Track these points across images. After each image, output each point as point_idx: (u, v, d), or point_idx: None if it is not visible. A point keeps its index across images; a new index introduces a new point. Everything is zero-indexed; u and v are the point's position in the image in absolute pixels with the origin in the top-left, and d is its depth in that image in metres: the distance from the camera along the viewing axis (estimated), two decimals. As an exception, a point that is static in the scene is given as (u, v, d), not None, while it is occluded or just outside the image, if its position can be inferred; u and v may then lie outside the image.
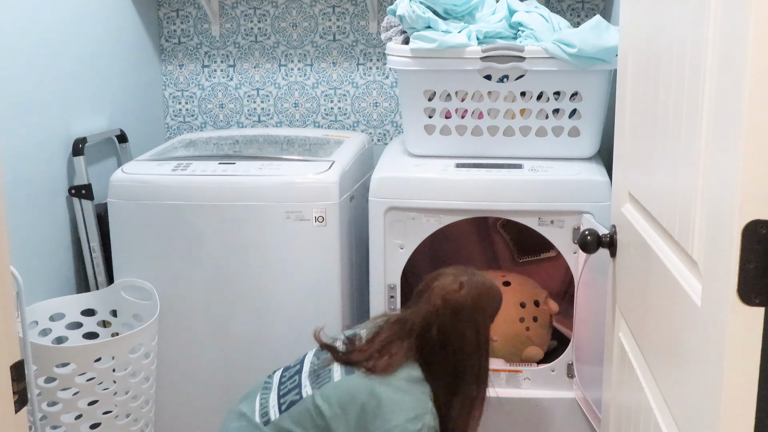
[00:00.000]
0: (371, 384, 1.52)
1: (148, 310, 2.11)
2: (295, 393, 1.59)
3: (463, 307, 1.56)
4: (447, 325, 1.56)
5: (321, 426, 1.53)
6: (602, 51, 1.94)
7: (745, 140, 0.73)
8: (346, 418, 1.51)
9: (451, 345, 1.57)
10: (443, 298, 1.57)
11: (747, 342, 0.77)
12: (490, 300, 1.62)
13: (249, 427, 1.59)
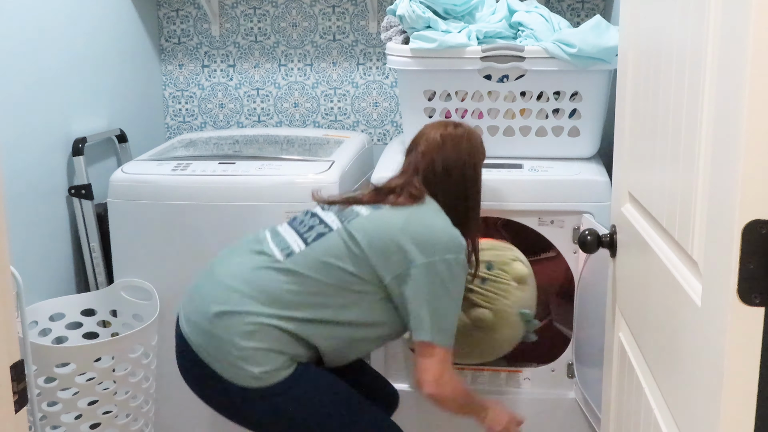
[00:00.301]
0: (402, 215, 1.59)
1: (148, 310, 2.11)
2: (322, 227, 1.62)
3: (461, 139, 1.70)
4: (449, 157, 1.68)
5: (358, 256, 1.56)
6: (602, 51, 1.94)
7: (745, 140, 0.73)
8: (384, 249, 1.55)
9: (456, 173, 1.68)
10: (441, 136, 1.70)
11: (747, 342, 0.77)
12: (478, 137, 1.76)
13: (270, 260, 1.59)
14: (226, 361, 1.53)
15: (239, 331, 1.52)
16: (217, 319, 1.54)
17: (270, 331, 1.53)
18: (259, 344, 1.52)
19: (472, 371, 2.12)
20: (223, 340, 1.53)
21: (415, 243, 1.55)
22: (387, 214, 1.61)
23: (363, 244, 1.56)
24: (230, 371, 1.53)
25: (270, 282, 1.56)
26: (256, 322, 1.52)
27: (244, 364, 1.51)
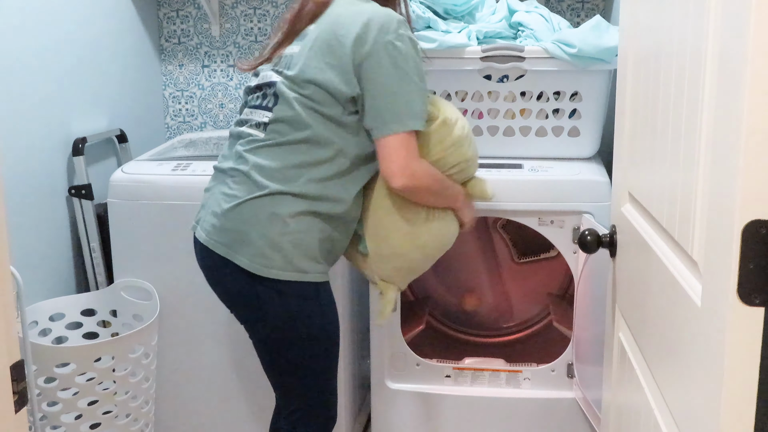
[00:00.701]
0: (323, 27, 1.53)
1: (148, 310, 2.11)
2: (270, 89, 1.59)
3: None
4: None
5: (312, 89, 1.51)
6: (602, 51, 1.94)
7: (745, 140, 0.73)
8: (325, 67, 1.50)
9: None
10: None
11: (747, 342, 0.77)
12: None
13: (248, 142, 1.59)
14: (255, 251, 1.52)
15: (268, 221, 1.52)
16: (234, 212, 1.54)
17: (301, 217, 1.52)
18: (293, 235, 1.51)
19: (472, 371, 2.13)
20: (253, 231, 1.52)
21: (350, 41, 1.49)
22: (311, 37, 1.54)
23: (309, 76, 1.51)
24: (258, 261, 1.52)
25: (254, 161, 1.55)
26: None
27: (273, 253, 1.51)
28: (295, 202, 1.52)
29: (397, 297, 1.82)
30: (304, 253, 1.53)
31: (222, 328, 2.13)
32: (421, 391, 2.13)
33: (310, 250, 1.53)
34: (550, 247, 2.28)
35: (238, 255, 1.52)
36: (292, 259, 1.51)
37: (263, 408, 2.13)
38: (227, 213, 1.55)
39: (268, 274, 1.51)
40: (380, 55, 1.48)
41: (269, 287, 1.52)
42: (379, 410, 2.17)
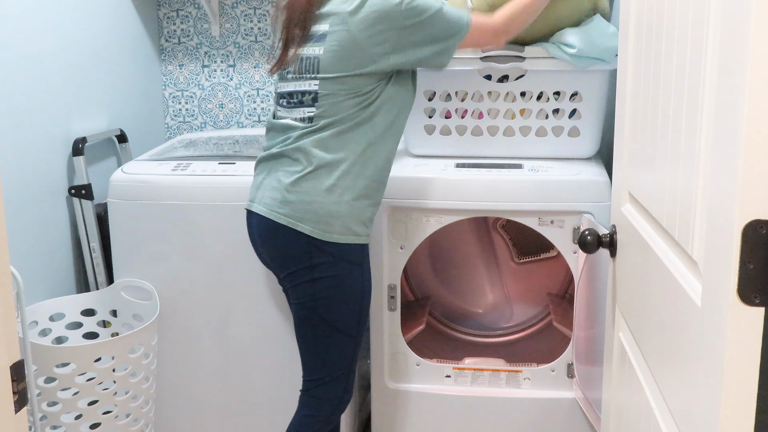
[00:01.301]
0: (345, 17, 1.64)
1: (148, 310, 2.11)
2: (306, 87, 1.71)
3: None
4: None
5: (345, 78, 1.65)
6: (602, 51, 1.94)
7: (745, 140, 0.73)
8: (355, 55, 1.64)
9: None
10: None
11: (747, 342, 0.77)
12: None
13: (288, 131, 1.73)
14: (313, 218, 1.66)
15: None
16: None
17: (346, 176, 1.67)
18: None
19: (472, 371, 2.13)
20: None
21: (376, 20, 1.62)
22: (334, 38, 1.66)
23: (339, 70, 1.64)
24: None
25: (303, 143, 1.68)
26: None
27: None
28: (349, 168, 1.68)
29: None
30: (357, 218, 1.69)
31: (222, 328, 2.13)
32: (421, 391, 2.13)
33: (361, 215, 1.70)
34: (550, 247, 2.28)
35: (300, 223, 1.66)
36: (349, 225, 1.67)
37: (263, 408, 2.14)
38: (289, 187, 1.67)
39: (329, 238, 1.66)
40: (399, 28, 1.64)
41: (327, 251, 1.67)
42: (379, 410, 2.17)
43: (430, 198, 2.01)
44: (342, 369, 1.76)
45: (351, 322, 1.73)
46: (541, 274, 2.44)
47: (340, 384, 1.77)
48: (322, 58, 1.66)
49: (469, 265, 2.48)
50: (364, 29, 1.62)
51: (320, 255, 1.67)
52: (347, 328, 1.73)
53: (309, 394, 1.78)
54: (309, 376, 1.79)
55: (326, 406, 1.78)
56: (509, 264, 2.48)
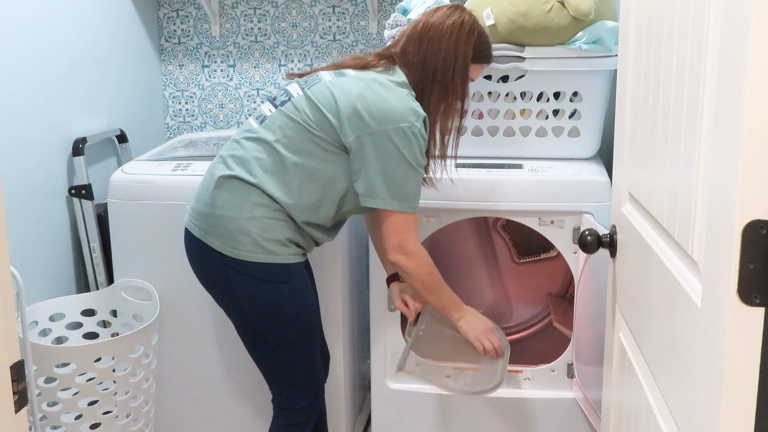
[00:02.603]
0: (361, 82, 1.62)
1: (148, 310, 2.11)
2: (286, 96, 1.69)
3: (445, 23, 1.65)
4: (432, 27, 1.65)
5: (318, 116, 1.61)
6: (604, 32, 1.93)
7: (745, 140, 0.73)
8: (340, 112, 1.59)
9: (428, 49, 1.64)
10: (425, 14, 1.69)
11: (747, 342, 0.77)
12: (471, 33, 1.67)
13: (248, 132, 1.68)
14: (225, 235, 1.62)
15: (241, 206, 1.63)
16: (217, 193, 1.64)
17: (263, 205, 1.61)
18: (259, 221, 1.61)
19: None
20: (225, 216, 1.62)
21: (369, 111, 1.58)
22: (347, 81, 1.64)
23: (320, 104, 1.61)
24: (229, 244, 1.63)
25: (246, 151, 1.64)
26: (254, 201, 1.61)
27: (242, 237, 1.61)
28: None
29: None
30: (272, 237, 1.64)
31: (222, 328, 2.13)
32: (421, 391, 2.13)
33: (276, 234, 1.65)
34: (550, 247, 2.28)
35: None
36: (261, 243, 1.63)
37: (263, 408, 2.13)
38: (202, 193, 1.72)
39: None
40: (388, 136, 1.57)
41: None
42: (379, 410, 2.17)
43: (430, 198, 2.01)
44: (302, 379, 1.74)
45: (287, 337, 1.69)
46: (541, 274, 2.44)
47: (307, 392, 1.75)
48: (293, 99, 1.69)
49: (469, 265, 2.48)
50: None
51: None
52: (285, 342, 1.70)
53: (279, 405, 1.77)
54: (272, 389, 1.78)
55: (298, 415, 1.76)
56: (509, 264, 2.48)
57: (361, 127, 1.58)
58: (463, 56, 1.65)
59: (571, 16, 1.92)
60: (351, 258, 2.18)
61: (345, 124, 1.59)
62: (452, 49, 1.64)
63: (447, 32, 1.64)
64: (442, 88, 1.65)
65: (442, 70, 1.64)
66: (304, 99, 1.64)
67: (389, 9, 2.66)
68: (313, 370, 1.76)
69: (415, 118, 1.59)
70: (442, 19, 1.65)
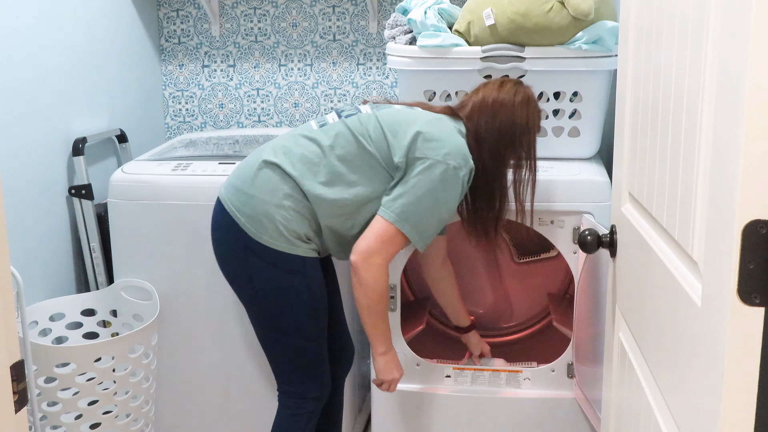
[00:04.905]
0: (428, 116, 1.70)
1: (148, 310, 2.11)
2: (355, 109, 1.77)
3: (515, 99, 1.73)
4: (503, 103, 1.72)
5: (377, 134, 1.67)
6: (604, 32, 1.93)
7: (745, 140, 0.73)
8: (400, 132, 1.66)
9: (502, 122, 1.71)
10: (503, 84, 1.77)
11: (747, 342, 0.77)
12: (536, 106, 1.78)
13: (305, 131, 1.74)
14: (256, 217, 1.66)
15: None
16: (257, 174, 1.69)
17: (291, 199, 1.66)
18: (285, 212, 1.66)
19: (472, 371, 2.13)
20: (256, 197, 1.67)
21: (427, 139, 1.63)
22: (416, 112, 1.74)
23: (384, 124, 1.67)
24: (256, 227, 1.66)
25: (297, 146, 1.70)
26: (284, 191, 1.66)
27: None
28: None
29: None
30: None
31: (222, 328, 2.13)
32: (421, 391, 2.13)
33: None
34: (550, 247, 2.28)
35: None
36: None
37: (263, 408, 2.13)
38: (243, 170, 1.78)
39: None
40: (434, 168, 1.62)
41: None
42: (379, 410, 2.17)
43: (430, 198, 2.01)
44: (308, 368, 1.77)
45: (295, 324, 1.72)
46: (541, 274, 2.44)
47: (314, 381, 1.78)
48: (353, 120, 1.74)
49: (469, 265, 2.48)
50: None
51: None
52: (293, 329, 1.73)
53: (287, 394, 1.80)
54: (280, 378, 1.80)
55: (304, 404, 1.79)
56: (509, 264, 2.48)
57: (415, 150, 1.63)
58: (532, 126, 1.75)
59: (571, 16, 1.92)
60: (351, 258, 2.18)
61: (402, 143, 1.64)
62: (524, 120, 1.72)
63: (518, 107, 1.72)
64: (510, 152, 1.73)
65: (510, 138, 1.72)
66: (372, 117, 1.70)
67: (389, 9, 2.66)
68: (320, 360, 1.78)
69: (464, 162, 1.64)
70: (510, 96, 1.73)
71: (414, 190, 1.62)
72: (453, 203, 1.66)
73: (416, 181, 1.62)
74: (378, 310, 1.69)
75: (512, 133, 1.71)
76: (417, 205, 1.62)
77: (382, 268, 1.65)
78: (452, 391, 2.12)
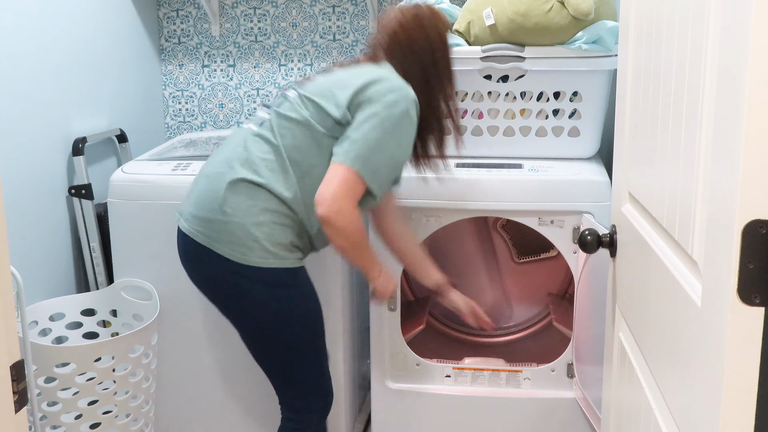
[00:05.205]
0: (356, 70, 1.68)
1: (148, 310, 2.11)
2: (280, 98, 1.73)
3: (423, 14, 1.72)
4: (411, 29, 1.70)
5: (312, 107, 1.64)
6: (605, 32, 1.93)
7: (745, 140, 0.73)
8: (332, 91, 1.64)
9: (418, 47, 1.70)
10: (401, 11, 1.73)
11: (747, 342, 0.77)
12: (440, 14, 1.76)
13: (248, 132, 1.70)
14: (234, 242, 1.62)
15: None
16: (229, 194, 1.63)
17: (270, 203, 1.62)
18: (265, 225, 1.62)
19: (472, 371, 2.13)
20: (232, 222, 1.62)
21: (365, 85, 1.61)
22: (340, 73, 1.70)
23: (312, 95, 1.65)
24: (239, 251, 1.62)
25: (252, 153, 1.65)
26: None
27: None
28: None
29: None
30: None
31: (222, 328, 2.13)
32: (421, 391, 2.13)
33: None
34: (550, 247, 2.28)
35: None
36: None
37: (263, 408, 2.14)
38: (206, 197, 1.70)
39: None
40: (378, 111, 1.59)
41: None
42: (379, 410, 2.17)
43: (430, 198, 2.01)
44: (313, 381, 1.73)
45: (298, 340, 1.70)
46: (541, 274, 2.44)
47: (319, 393, 1.75)
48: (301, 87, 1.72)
49: (469, 265, 2.48)
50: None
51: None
52: (297, 344, 1.70)
53: (290, 409, 1.75)
54: (282, 393, 1.75)
55: (312, 417, 1.75)
56: (509, 264, 2.48)
57: (357, 98, 1.61)
58: (443, 32, 1.74)
59: (571, 16, 1.92)
60: (351, 258, 2.18)
61: (339, 101, 1.61)
62: (435, 32, 1.71)
63: (426, 19, 1.72)
64: (434, 74, 1.72)
65: (431, 56, 1.71)
66: (299, 96, 1.67)
67: (389, 9, 2.66)
68: (324, 370, 1.76)
69: (408, 97, 1.62)
70: (412, 16, 1.72)
71: (365, 133, 1.58)
72: (406, 141, 1.63)
73: (366, 125, 1.58)
74: (362, 244, 1.63)
75: (431, 50, 1.70)
76: (370, 147, 1.58)
77: (352, 210, 1.57)
78: (452, 391, 2.12)
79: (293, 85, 1.75)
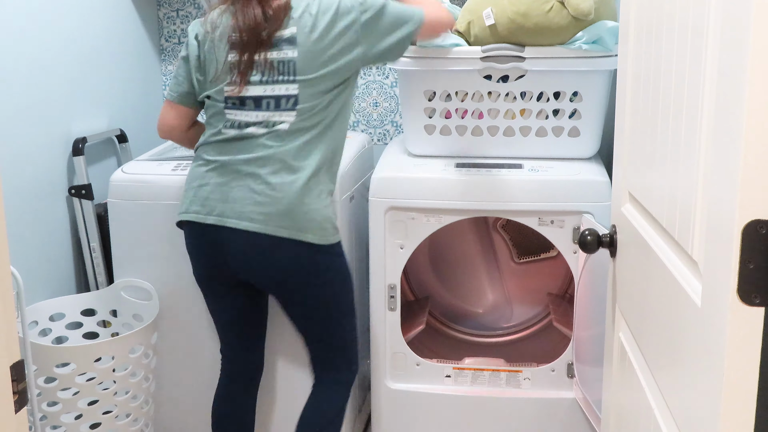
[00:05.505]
0: (313, 12, 1.74)
1: (148, 310, 2.11)
2: (284, 90, 1.77)
3: None
4: None
5: (314, 77, 1.72)
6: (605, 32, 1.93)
7: (745, 140, 0.73)
8: (323, 47, 1.72)
9: None
10: None
11: (747, 342, 0.77)
12: None
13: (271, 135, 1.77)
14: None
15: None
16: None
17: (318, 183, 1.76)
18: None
19: (472, 371, 2.13)
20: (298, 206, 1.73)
21: (337, 19, 1.72)
22: (303, 35, 1.72)
23: (314, 70, 1.72)
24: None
25: (294, 144, 1.74)
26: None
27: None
28: (325, 172, 1.78)
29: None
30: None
31: (222, 328, 2.13)
32: (421, 391, 2.13)
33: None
34: (550, 247, 2.28)
35: (305, 233, 1.72)
36: (334, 224, 1.80)
37: (263, 407, 2.13)
38: (281, 197, 1.71)
39: (329, 241, 1.76)
40: (352, 14, 1.73)
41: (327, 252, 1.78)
42: (379, 410, 2.17)
43: (430, 198, 2.01)
44: (356, 345, 1.91)
45: (352, 303, 1.87)
46: (541, 274, 2.44)
47: (357, 358, 1.92)
48: (297, 60, 1.71)
49: (469, 265, 2.49)
50: (329, 30, 1.71)
51: (325, 258, 1.77)
52: (351, 306, 1.87)
53: (351, 372, 1.91)
54: (346, 362, 1.89)
55: (351, 382, 1.91)
56: (509, 264, 2.48)
57: (344, 29, 1.73)
58: None
59: (571, 16, 1.92)
60: (351, 258, 2.18)
61: (332, 40, 1.72)
62: None
63: None
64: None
65: None
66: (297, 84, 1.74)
67: (389, 9, 2.65)
68: (356, 328, 1.92)
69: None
70: None
71: (385, 17, 1.75)
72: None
73: (387, 18, 1.75)
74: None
75: None
76: (393, 9, 1.76)
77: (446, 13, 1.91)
78: (452, 391, 2.12)
79: (277, 78, 1.79)
